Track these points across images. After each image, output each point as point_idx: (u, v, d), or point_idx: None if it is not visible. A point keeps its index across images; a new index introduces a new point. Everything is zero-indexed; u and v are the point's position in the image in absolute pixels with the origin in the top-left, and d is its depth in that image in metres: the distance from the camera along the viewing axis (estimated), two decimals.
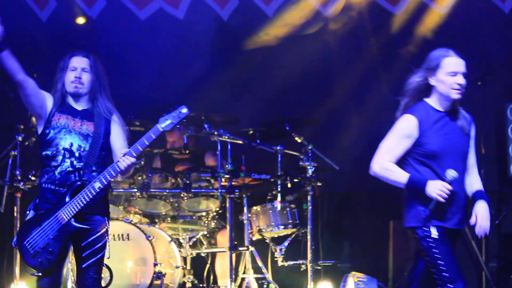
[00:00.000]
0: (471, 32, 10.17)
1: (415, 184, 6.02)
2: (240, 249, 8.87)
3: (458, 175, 6.00)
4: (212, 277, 9.24)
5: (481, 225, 6.10)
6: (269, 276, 8.93)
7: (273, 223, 9.04)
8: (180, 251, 8.85)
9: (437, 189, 5.92)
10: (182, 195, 8.94)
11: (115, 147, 6.29)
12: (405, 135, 6.12)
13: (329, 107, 10.32)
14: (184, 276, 8.89)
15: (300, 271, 9.10)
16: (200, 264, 9.23)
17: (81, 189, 6.01)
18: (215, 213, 9.15)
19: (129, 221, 8.71)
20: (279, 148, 9.04)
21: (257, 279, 8.90)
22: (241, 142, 8.96)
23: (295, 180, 9.01)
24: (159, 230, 8.90)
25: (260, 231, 9.07)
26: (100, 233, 6.21)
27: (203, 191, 8.99)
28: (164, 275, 8.53)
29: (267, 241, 9.12)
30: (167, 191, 9.00)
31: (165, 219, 9.15)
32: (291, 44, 10.23)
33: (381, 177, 6.11)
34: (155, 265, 8.46)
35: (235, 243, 8.89)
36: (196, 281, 9.05)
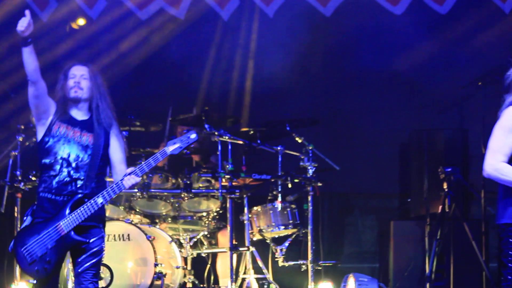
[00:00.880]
0: (471, 32, 10.17)
1: None
2: (240, 249, 8.87)
3: None
4: (212, 277, 9.24)
5: None
6: (269, 276, 8.92)
7: (274, 224, 9.03)
8: (180, 251, 8.85)
9: None
10: (182, 196, 8.94)
11: (114, 160, 6.37)
12: None
13: (329, 107, 10.32)
14: (184, 276, 8.89)
15: (300, 271, 9.09)
16: (200, 264, 9.23)
17: (81, 201, 6.09)
18: (215, 214, 9.15)
19: (129, 221, 8.71)
20: (279, 148, 9.03)
21: (258, 280, 8.89)
22: (241, 142, 8.95)
23: (296, 180, 9.00)
24: (159, 230, 8.90)
25: (260, 231, 9.07)
26: (96, 238, 6.24)
27: (204, 191, 8.98)
28: (164, 276, 8.52)
29: (268, 241, 9.11)
30: (168, 191, 8.99)
31: (166, 219, 9.15)
32: (290, 43, 10.23)
33: (495, 179, 5.80)
34: (156, 265, 8.45)
35: (236, 243, 8.89)
36: (196, 282, 9.05)
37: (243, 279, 8.91)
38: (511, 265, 5.84)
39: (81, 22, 10.27)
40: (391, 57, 10.29)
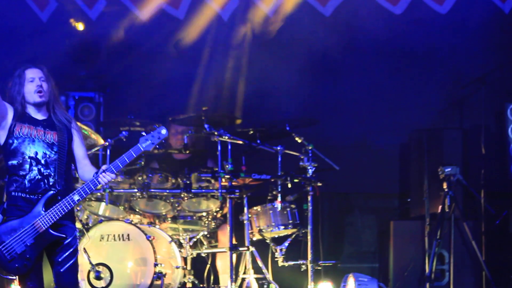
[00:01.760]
0: (471, 32, 10.17)
1: None
2: (240, 249, 8.87)
3: None
4: (212, 277, 9.24)
5: None
6: (269, 276, 8.93)
7: (274, 223, 9.03)
8: (180, 251, 8.85)
9: None
10: (182, 195, 8.94)
11: (78, 155, 6.51)
12: None
13: (329, 107, 10.33)
14: (184, 276, 8.90)
15: (300, 271, 9.09)
16: (200, 264, 9.24)
17: (54, 198, 6.24)
18: (215, 213, 9.15)
19: (129, 221, 8.72)
20: (279, 148, 9.03)
21: (258, 279, 8.90)
22: (241, 142, 8.96)
23: (296, 180, 9.00)
24: (159, 230, 8.90)
25: (260, 231, 9.07)
26: (72, 237, 6.36)
27: (204, 191, 8.99)
28: (164, 275, 8.53)
29: (268, 241, 9.11)
30: (168, 191, 9.00)
31: (166, 219, 9.15)
32: (290, 43, 10.23)
33: None
34: (156, 265, 8.46)
35: (236, 243, 8.89)
36: (196, 281, 9.05)
37: (243, 279, 8.91)
38: None
39: (80, 27, 10.28)
40: (391, 57, 10.29)
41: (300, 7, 10.20)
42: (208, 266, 9.20)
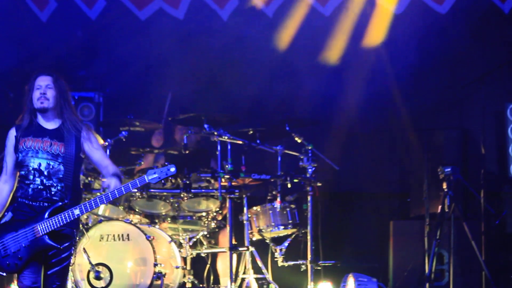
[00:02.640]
0: (471, 32, 10.17)
1: None
2: (240, 249, 8.87)
3: None
4: (212, 277, 9.24)
5: None
6: (269, 276, 8.93)
7: (273, 223, 9.03)
8: (180, 251, 8.85)
9: None
10: (182, 195, 8.94)
11: (96, 160, 6.63)
12: None
13: (329, 107, 10.33)
14: (184, 276, 8.89)
15: (300, 271, 9.10)
16: (200, 264, 9.24)
17: (61, 209, 6.39)
18: (215, 213, 9.15)
19: (129, 221, 8.72)
20: (279, 148, 9.04)
21: (257, 279, 8.90)
22: (241, 142, 8.96)
23: (295, 180, 9.00)
24: (159, 230, 8.90)
25: (260, 231, 9.07)
26: (68, 244, 6.48)
27: (203, 191, 8.98)
28: (164, 275, 8.53)
29: (267, 241, 9.11)
30: (167, 191, 9.00)
31: (165, 219, 9.15)
32: (290, 43, 10.24)
33: None
34: (155, 265, 8.46)
35: (235, 243, 8.89)
36: (196, 282, 9.05)
37: (243, 279, 8.91)
38: None
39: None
40: (391, 57, 10.29)
41: (300, 7, 10.22)
42: (208, 266, 9.20)
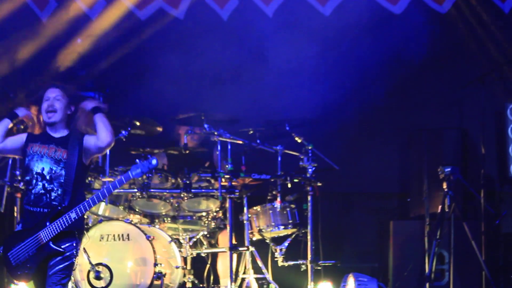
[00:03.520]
0: (471, 32, 10.17)
1: None
2: (240, 249, 8.87)
3: None
4: (212, 277, 9.24)
5: None
6: (269, 276, 8.93)
7: (273, 223, 9.03)
8: (180, 251, 8.85)
9: None
10: (182, 195, 8.94)
11: (92, 143, 6.78)
12: None
13: (329, 107, 10.32)
14: (184, 276, 8.90)
15: (300, 271, 9.10)
16: (200, 264, 9.24)
17: (61, 214, 6.57)
18: (215, 213, 9.15)
19: (129, 221, 8.72)
20: (279, 148, 9.04)
21: (257, 279, 8.90)
22: (241, 142, 8.96)
23: (295, 180, 9.00)
24: (159, 230, 8.90)
25: (260, 231, 9.07)
26: (69, 244, 6.63)
27: (203, 191, 8.98)
28: (164, 275, 8.53)
29: (267, 241, 9.12)
30: (167, 191, 9.00)
31: (165, 219, 9.15)
32: (290, 43, 10.23)
33: None
34: (155, 265, 8.46)
35: (235, 243, 8.89)
36: (196, 281, 9.05)
37: (243, 279, 8.92)
38: None
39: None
40: (391, 57, 10.28)
41: (299, 7, 10.21)
42: (208, 266, 9.20)
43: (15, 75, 9.95)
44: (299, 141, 9.14)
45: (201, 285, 9.09)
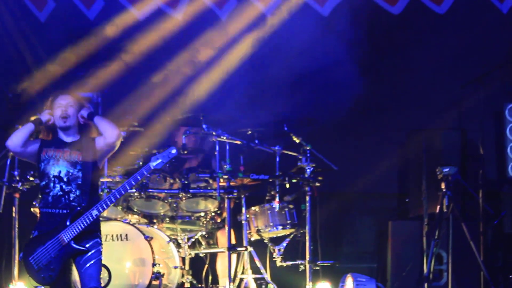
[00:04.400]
0: (471, 32, 10.17)
1: None
2: (238, 249, 8.87)
3: None
4: (211, 277, 9.25)
5: None
6: (267, 276, 8.93)
7: (272, 224, 9.04)
8: (178, 251, 8.86)
9: None
10: (180, 196, 8.94)
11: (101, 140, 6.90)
12: None
13: (328, 107, 10.32)
14: (182, 276, 8.90)
15: (298, 271, 9.10)
16: (198, 264, 9.24)
17: (80, 214, 6.69)
18: (213, 214, 9.15)
19: (127, 221, 8.72)
20: (277, 148, 9.04)
21: (256, 279, 8.91)
22: (239, 142, 8.96)
23: (294, 180, 9.01)
24: (157, 230, 8.90)
25: (258, 231, 9.07)
26: (93, 242, 6.75)
27: (202, 191, 8.99)
28: (162, 276, 8.53)
29: (266, 241, 9.12)
30: (166, 191, 9.00)
31: (164, 219, 9.15)
32: (290, 43, 10.23)
33: None
34: (154, 265, 8.46)
35: (234, 243, 8.89)
36: (194, 282, 9.05)
37: (241, 279, 8.93)
38: None
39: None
40: (391, 57, 10.29)
41: (298, 7, 10.21)
42: (206, 266, 9.20)
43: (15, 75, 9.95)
44: (298, 141, 9.14)
45: (199, 285, 9.09)
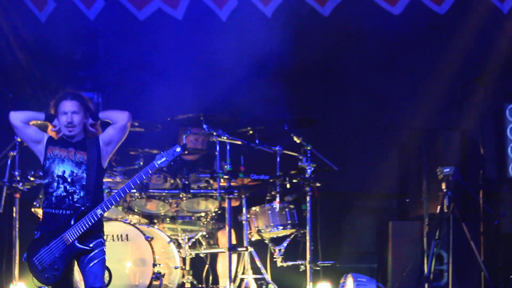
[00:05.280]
0: (471, 32, 10.17)
1: None
2: (239, 249, 8.87)
3: None
4: (211, 278, 9.25)
5: None
6: (268, 276, 8.93)
7: (272, 224, 9.03)
8: (179, 251, 8.85)
9: None
10: (181, 196, 8.94)
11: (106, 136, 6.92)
12: None
13: (328, 107, 10.33)
14: (183, 276, 8.90)
15: (299, 271, 9.10)
16: (199, 264, 9.24)
17: (84, 214, 6.66)
18: (214, 214, 9.15)
19: (128, 221, 8.72)
20: (278, 148, 9.04)
21: (256, 280, 8.90)
22: (240, 142, 8.96)
23: (294, 180, 9.00)
24: (158, 230, 8.90)
25: (259, 231, 9.07)
26: (96, 241, 6.74)
27: (202, 191, 8.98)
28: (163, 276, 8.53)
29: (266, 241, 9.12)
30: (166, 191, 9.00)
31: (164, 219, 9.15)
32: (290, 43, 10.23)
33: None
34: (154, 265, 8.46)
35: (234, 243, 8.89)
36: (195, 282, 9.05)
37: (242, 279, 8.92)
38: None
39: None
40: (390, 57, 10.29)
41: (298, 7, 10.22)
42: (206, 266, 9.20)
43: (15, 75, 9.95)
44: (298, 141, 9.14)
45: (199, 286, 9.09)
